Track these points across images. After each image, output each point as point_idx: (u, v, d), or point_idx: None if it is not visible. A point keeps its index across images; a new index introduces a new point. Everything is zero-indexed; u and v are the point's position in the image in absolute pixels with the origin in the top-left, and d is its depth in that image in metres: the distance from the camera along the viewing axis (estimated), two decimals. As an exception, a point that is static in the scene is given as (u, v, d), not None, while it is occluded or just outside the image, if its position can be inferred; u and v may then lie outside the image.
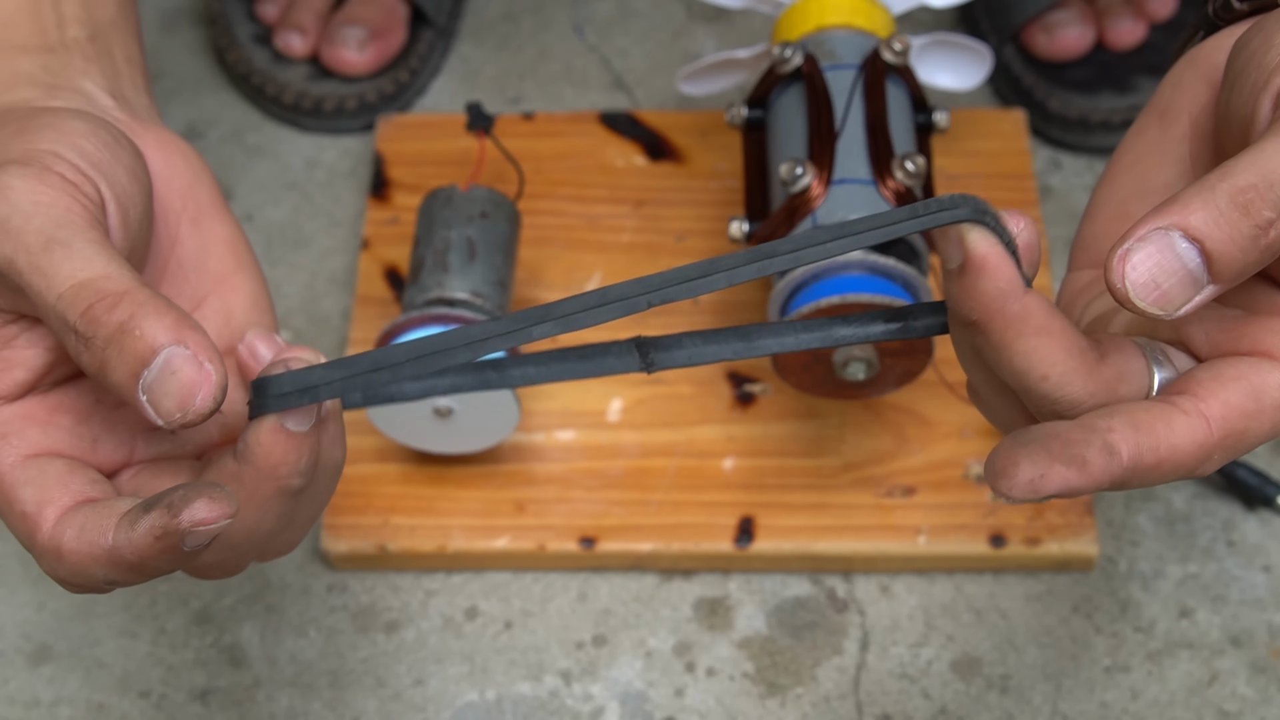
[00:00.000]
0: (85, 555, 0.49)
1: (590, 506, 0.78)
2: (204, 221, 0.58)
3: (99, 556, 0.49)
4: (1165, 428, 0.47)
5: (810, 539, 0.77)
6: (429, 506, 0.79)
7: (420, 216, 0.79)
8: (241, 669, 0.77)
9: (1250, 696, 0.74)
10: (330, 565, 0.79)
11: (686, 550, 0.77)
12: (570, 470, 0.79)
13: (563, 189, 0.88)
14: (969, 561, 0.77)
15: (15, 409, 0.52)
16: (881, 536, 0.77)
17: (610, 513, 0.78)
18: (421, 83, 0.95)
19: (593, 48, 0.97)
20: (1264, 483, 0.78)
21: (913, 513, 0.77)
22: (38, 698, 0.76)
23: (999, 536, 0.76)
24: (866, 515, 0.77)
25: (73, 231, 0.50)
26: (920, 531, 0.77)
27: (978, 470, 0.78)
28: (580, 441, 0.80)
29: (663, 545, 0.77)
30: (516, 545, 0.77)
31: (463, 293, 0.75)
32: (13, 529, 0.52)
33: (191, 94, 0.96)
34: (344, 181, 0.92)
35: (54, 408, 0.53)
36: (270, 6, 0.95)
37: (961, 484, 0.78)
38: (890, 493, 0.78)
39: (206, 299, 0.58)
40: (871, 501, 0.77)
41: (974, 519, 0.77)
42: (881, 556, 0.77)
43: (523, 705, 0.75)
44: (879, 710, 0.74)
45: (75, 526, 0.49)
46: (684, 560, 0.78)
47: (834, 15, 0.77)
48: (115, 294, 0.49)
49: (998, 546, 0.76)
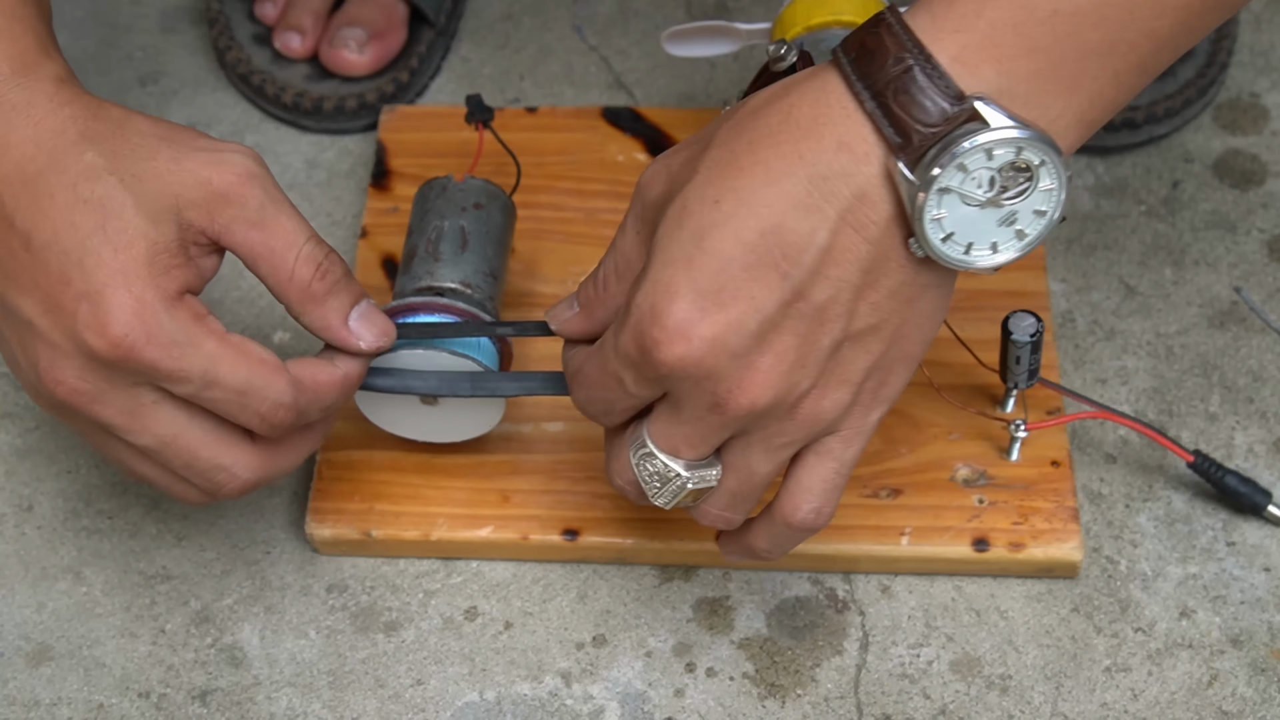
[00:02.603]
0: (325, 384, 0.68)
1: (575, 499, 0.78)
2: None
3: (335, 383, 0.68)
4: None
5: None
6: (415, 494, 0.79)
7: (415, 206, 0.79)
8: (241, 669, 0.76)
9: (1250, 696, 0.74)
10: (314, 549, 0.79)
11: (670, 545, 0.77)
12: (557, 462, 0.79)
13: (563, 183, 0.88)
14: (952, 565, 0.77)
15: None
16: (865, 537, 0.77)
17: (595, 505, 0.78)
18: (421, 83, 0.95)
19: (593, 48, 0.97)
20: (1254, 491, 0.78)
21: (897, 514, 0.77)
22: (38, 698, 0.76)
23: (982, 540, 0.76)
24: (851, 515, 0.77)
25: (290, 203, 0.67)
26: (904, 533, 0.77)
27: (965, 473, 0.78)
28: (568, 433, 0.80)
29: (645, 540, 0.77)
30: (500, 535, 0.78)
31: (453, 282, 0.75)
32: (245, 379, 0.66)
33: (191, 94, 0.96)
34: (344, 181, 0.92)
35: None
36: (269, 6, 0.95)
37: (948, 487, 0.78)
38: (876, 493, 0.78)
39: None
40: (856, 502, 0.77)
41: (959, 521, 0.77)
42: (865, 557, 0.77)
43: (523, 705, 0.75)
44: (879, 710, 0.74)
45: (309, 366, 0.68)
46: (667, 555, 0.78)
47: (832, 13, 0.77)
48: (331, 249, 0.68)
49: (981, 550, 0.76)
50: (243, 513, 0.81)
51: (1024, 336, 0.74)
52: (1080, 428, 0.81)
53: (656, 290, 0.60)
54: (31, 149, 0.64)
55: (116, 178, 0.64)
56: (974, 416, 0.79)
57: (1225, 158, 0.90)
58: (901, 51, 0.57)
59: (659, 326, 0.59)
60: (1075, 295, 0.86)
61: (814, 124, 0.58)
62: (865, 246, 0.58)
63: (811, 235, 0.58)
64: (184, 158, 0.65)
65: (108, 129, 0.65)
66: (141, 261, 0.64)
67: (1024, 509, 0.77)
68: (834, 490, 0.64)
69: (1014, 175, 0.58)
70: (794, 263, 0.58)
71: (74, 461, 0.83)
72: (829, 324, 0.60)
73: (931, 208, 0.57)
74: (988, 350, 0.77)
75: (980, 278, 0.83)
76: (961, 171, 0.57)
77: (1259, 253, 0.87)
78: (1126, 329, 0.84)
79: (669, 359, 0.60)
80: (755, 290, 0.59)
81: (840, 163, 0.58)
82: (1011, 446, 0.78)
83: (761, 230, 0.58)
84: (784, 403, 0.61)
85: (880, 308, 0.60)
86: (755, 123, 0.59)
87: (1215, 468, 0.78)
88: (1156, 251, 0.87)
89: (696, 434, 0.62)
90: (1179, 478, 0.80)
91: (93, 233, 0.64)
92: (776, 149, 0.58)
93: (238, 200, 0.65)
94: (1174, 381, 0.83)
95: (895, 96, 0.56)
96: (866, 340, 0.61)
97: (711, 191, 0.59)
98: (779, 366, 0.60)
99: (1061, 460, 0.78)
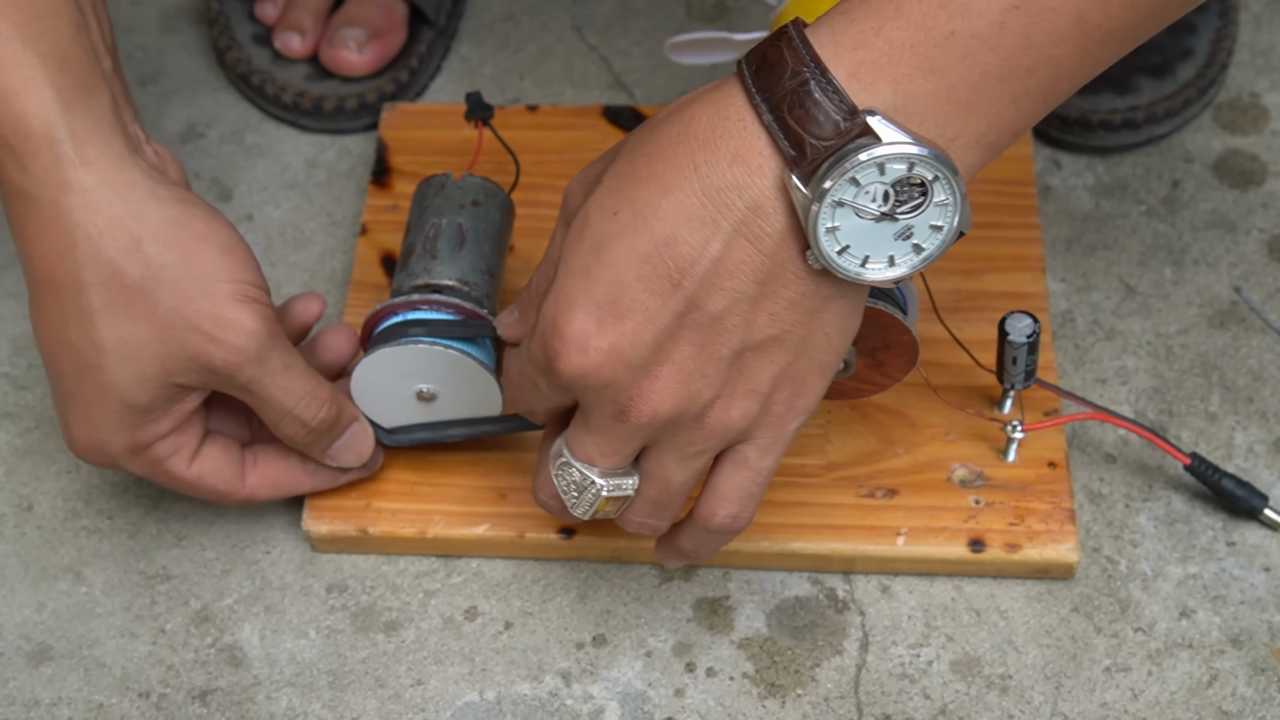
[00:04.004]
0: (277, 488, 0.77)
1: None
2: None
3: (292, 485, 0.77)
4: None
5: (788, 537, 0.77)
6: (412, 491, 0.79)
7: (414, 203, 0.79)
8: (241, 669, 0.77)
9: (1250, 696, 0.74)
10: (312, 547, 0.79)
11: None
12: None
13: (563, 181, 0.88)
14: (948, 565, 0.77)
15: (175, 436, 0.72)
16: (860, 537, 0.77)
17: None
18: (421, 82, 0.95)
19: (593, 48, 0.97)
20: (1251, 494, 0.78)
21: (893, 514, 0.77)
22: (38, 698, 0.76)
23: (978, 541, 0.76)
24: (846, 515, 0.77)
25: (292, 354, 0.71)
26: (900, 533, 0.77)
27: (962, 474, 0.78)
28: None
29: (641, 539, 0.77)
30: (496, 533, 0.78)
31: (450, 279, 0.75)
32: (202, 499, 0.77)
33: (191, 94, 0.96)
34: (344, 181, 0.92)
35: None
36: (269, 6, 0.95)
37: (944, 487, 0.78)
38: (872, 493, 0.78)
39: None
40: (852, 502, 0.77)
41: (954, 522, 0.77)
42: (859, 557, 0.77)
43: (523, 705, 0.75)
44: (879, 710, 0.74)
45: (270, 471, 0.76)
46: None
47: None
48: (328, 399, 0.73)
49: (977, 551, 0.76)
50: (243, 513, 0.81)
51: (1020, 338, 0.74)
52: (1080, 428, 0.81)
53: (558, 301, 0.61)
54: (54, 256, 0.67)
55: (105, 335, 0.68)
56: (971, 417, 0.79)
57: (1225, 158, 0.90)
58: (799, 65, 0.57)
59: (559, 337, 0.61)
60: (1075, 295, 0.86)
61: (710, 135, 0.59)
62: (760, 258, 0.59)
63: (704, 246, 0.59)
64: (181, 326, 0.68)
65: (127, 254, 0.67)
66: (111, 422, 0.70)
67: (1020, 510, 0.77)
68: (750, 497, 0.65)
69: (909, 190, 0.58)
70: (686, 274, 0.59)
71: (74, 461, 0.83)
72: (726, 334, 0.60)
73: (825, 220, 0.58)
74: (985, 351, 0.77)
75: (979, 278, 0.83)
76: (854, 185, 0.57)
77: (1259, 253, 0.87)
78: (1126, 329, 0.85)
79: (568, 369, 0.61)
80: (649, 301, 0.60)
81: (735, 174, 0.58)
82: (1008, 447, 0.78)
83: (655, 242, 0.59)
84: (688, 412, 0.62)
85: (780, 318, 0.61)
86: (657, 134, 0.60)
87: (1212, 470, 0.78)
88: (1156, 251, 0.87)
89: (607, 442, 0.63)
90: (1179, 478, 0.80)
91: (72, 374, 0.69)
92: (672, 160, 0.59)
93: (229, 377, 0.70)
94: (1174, 381, 0.83)
95: (791, 110, 0.57)
96: (769, 350, 0.61)
97: (611, 203, 0.60)
98: (677, 376, 0.61)
99: (1058, 461, 0.78)
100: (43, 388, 0.85)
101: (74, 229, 0.66)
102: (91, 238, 0.66)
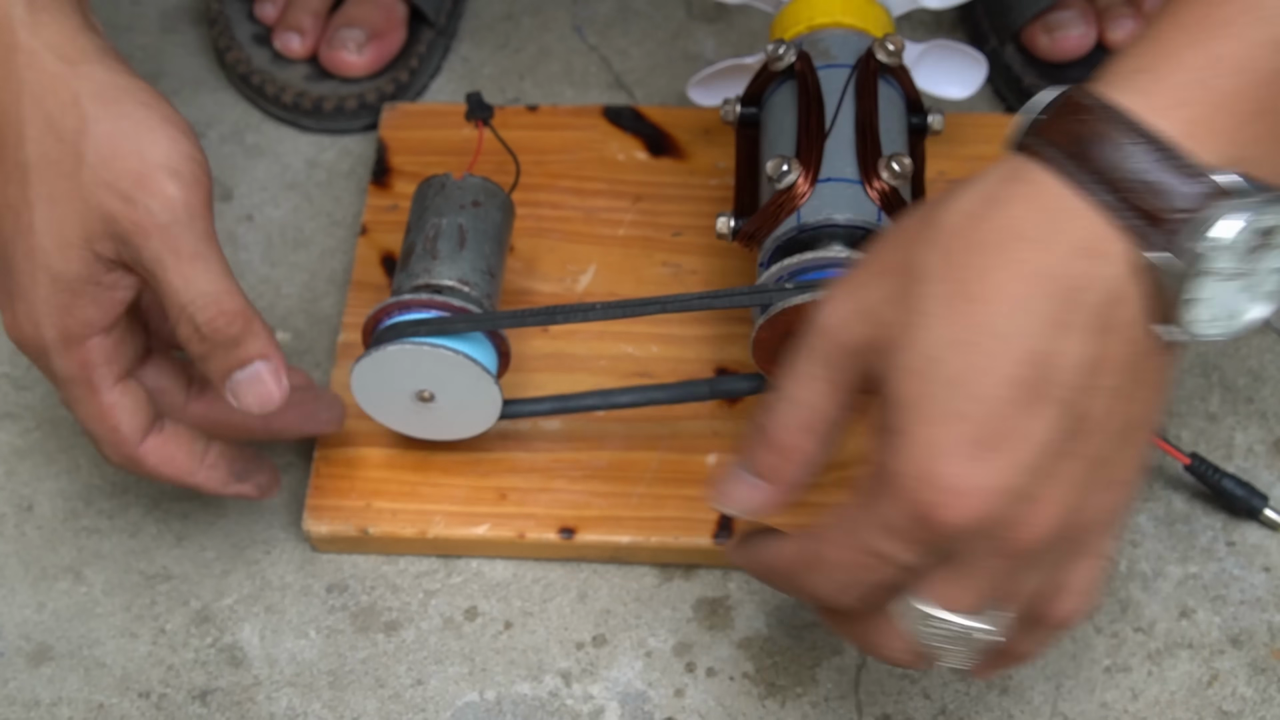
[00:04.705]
0: (171, 469, 0.71)
1: (572, 497, 0.78)
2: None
3: (181, 470, 0.72)
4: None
5: None
6: (412, 491, 0.79)
7: (414, 203, 0.79)
8: (241, 669, 0.77)
9: (1250, 696, 0.74)
10: (312, 547, 0.79)
11: (665, 544, 0.77)
12: (554, 460, 0.79)
13: (563, 181, 0.88)
14: None
15: (109, 339, 0.68)
16: None
17: (591, 504, 0.78)
18: (421, 83, 0.95)
19: (593, 48, 0.97)
20: (1250, 494, 0.78)
21: None
22: (38, 698, 0.76)
23: None
24: None
25: (209, 247, 0.66)
26: None
27: None
28: (565, 431, 0.80)
29: (642, 538, 0.77)
30: (496, 533, 0.78)
31: (450, 280, 0.75)
32: (97, 438, 0.70)
33: (191, 94, 0.96)
34: (344, 181, 0.92)
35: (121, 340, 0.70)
36: (269, 7, 0.95)
37: None
38: None
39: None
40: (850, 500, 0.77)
41: None
42: None
43: (523, 705, 0.75)
44: (879, 710, 0.74)
45: (168, 448, 0.71)
46: (663, 554, 0.78)
47: (830, 14, 0.77)
48: (232, 312, 0.66)
49: None
50: (243, 513, 0.81)
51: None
52: (1080, 427, 0.81)
53: (922, 452, 0.55)
54: (0, 115, 0.66)
55: (37, 191, 0.65)
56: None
57: (1225, 157, 0.90)
58: (1122, 136, 0.53)
59: (935, 489, 0.55)
60: (1075, 295, 0.86)
61: (1042, 232, 0.54)
62: (1126, 348, 0.55)
63: (1070, 352, 0.55)
64: (102, 185, 0.66)
65: (65, 108, 0.65)
66: (43, 297, 0.67)
67: None
68: (1099, 586, 0.61)
69: (1261, 239, 0.55)
70: (1061, 384, 0.55)
71: (74, 461, 0.83)
72: (1102, 434, 0.56)
73: (1189, 291, 0.54)
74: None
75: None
76: (1216, 250, 0.54)
77: (1259, 252, 0.87)
78: (1126, 329, 0.85)
79: (955, 520, 0.55)
80: (1028, 425, 0.55)
81: (1082, 268, 0.54)
82: (1011, 447, 0.78)
83: (1019, 361, 0.54)
84: (1071, 523, 0.57)
85: (1143, 401, 0.57)
86: (970, 244, 0.55)
87: (1212, 470, 0.78)
88: (1156, 251, 0.87)
89: (988, 584, 0.59)
90: (1178, 477, 0.80)
91: (10, 238, 0.67)
92: (1008, 270, 0.54)
93: (136, 247, 0.66)
94: (1174, 381, 0.83)
95: (1132, 186, 0.53)
96: (1136, 435, 0.58)
97: (952, 333, 0.55)
98: (1059, 491, 0.56)
99: (1061, 460, 0.78)
100: (43, 388, 0.85)
101: (19, 86, 0.65)
102: (35, 94, 0.65)
